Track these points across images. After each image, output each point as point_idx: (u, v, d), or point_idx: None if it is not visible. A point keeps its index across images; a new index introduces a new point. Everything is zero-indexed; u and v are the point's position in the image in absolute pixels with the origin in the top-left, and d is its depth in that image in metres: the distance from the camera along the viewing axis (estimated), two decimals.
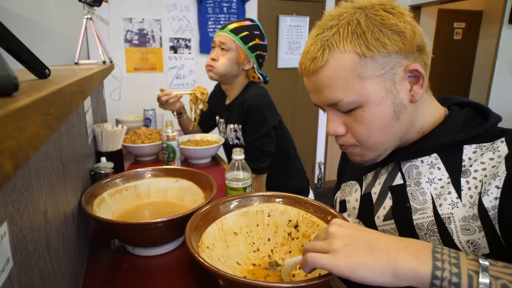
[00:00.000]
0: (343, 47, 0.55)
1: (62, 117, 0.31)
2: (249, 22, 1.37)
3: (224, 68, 1.35)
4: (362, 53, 0.54)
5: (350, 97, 0.56)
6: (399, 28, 0.54)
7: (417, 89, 0.57)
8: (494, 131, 0.57)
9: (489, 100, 3.10)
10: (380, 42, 0.53)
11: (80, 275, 0.68)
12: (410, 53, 0.55)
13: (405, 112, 0.57)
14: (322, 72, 0.57)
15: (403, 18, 0.55)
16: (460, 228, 0.53)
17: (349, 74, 0.55)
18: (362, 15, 0.55)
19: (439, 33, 4.06)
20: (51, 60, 1.06)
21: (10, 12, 0.71)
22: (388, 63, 0.55)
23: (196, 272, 0.71)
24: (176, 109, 1.54)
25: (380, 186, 0.67)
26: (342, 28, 0.55)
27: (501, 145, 0.54)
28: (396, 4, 0.57)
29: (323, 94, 0.58)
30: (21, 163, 0.18)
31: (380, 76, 0.55)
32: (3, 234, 0.32)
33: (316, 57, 0.57)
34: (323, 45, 0.56)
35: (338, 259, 0.43)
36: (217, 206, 0.74)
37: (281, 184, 1.44)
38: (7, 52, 0.33)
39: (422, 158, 0.61)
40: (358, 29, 0.54)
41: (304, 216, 0.73)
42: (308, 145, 3.61)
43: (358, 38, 0.54)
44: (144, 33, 2.68)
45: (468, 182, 0.55)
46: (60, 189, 0.57)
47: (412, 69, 0.56)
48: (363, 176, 0.73)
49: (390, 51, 0.54)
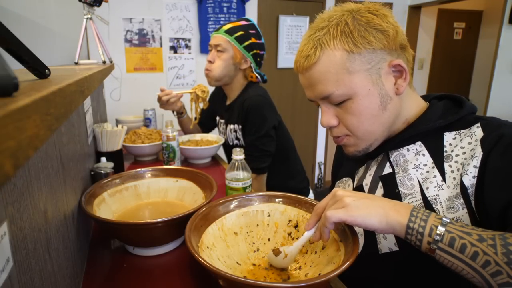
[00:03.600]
0: (333, 45, 0.61)
1: (62, 117, 0.31)
2: (244, 22, 1.37)
3: (220, 69, 1.35)
4: (350, 50, 0.60)
5: (341, 90, 0.62)
6: (383, 27, 0.60)
7: (401, 82, 0.63)
8: (470, 118, 0.63)
9: (489, 100, 3.10)
10: (366, 39, 0.60)
11: (80, 275, 0.68)
12: (394, 50, 0.62)
13: (391, 103, 0.63)
14: (314, 68, 0.63)
15: (386, 19, 0.61)
16: (446, 208, 0.59)
17: (339, 69, 0.61)
18: (350, 17, 0.61)
19: (439, 33, 4.05)
20: (51, 60, 1.06)
21: (10, 12, 0.71)
22: (374, 58, 0.61)
23: (196, 272, 0.71)
24: (177, 109, 1.54)
25: (371, 177, 0.71)
26: (332, 28, 0.61)
27: (477, 130, 0.61)
28: (380, 7, 0.63)
29: (316, 89, 0.64)
30: (21, 163, 0.18)
31: (367, 70, 0.61)
32: (3, 234, 0.32)
33: (309, 55, 0.63)
34: (315, 44, 0.62)
35: (352, 210, 0.52)
36: (217, 206, 0.74)
37: (281, 184, 1.44)
38: (7, 52, 0.33)
39: (408, 146, 0.67)
40: (346, 29, 0.61)
41: (304, 216, 0.73)
42: (308, 145, 3.61)
43: (346, 36, 0.60)
44: (144, 33, 2.68)
45: (451, 166, 0.61)
46: (60, 189, 0.57)
47: (396, 64, 0.62)
48: (355, 171, 0.77)
49: (375, 48, 0.60)
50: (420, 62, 3.93)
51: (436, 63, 4.10)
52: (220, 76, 1.37)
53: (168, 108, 1.50)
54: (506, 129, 0.57)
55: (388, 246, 0.65)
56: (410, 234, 0.50)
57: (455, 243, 0.47)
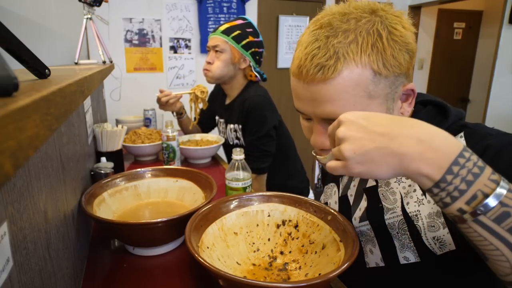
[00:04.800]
0: (360, 59, 0.49)
1: (62, 117, 0.31)
2: (240, 21, 1.37)
3: (220, 70, 1.35)
4: (378, 71, 0.50)
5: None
6: (412, 47, 0.52)
7: (406, 107, 0.57)
8: (454, 127, 0.56)
9: (489, 100, 3.10)
10: (397, 61, 0.50)
11: (80, 275, 0.68)
12: (409, 71, 0.54)
13: None
14: (330, 84, 0.50)
15: (412, 36, 0.53)
16: (427, 225, 0.54)
17: (360, 91, 0.50)
18: (383, 27, 0.50)
19: (439, 33, 4.05)
20: (51, 60, 1.06)
21: (10, 12, 0.71)
22: (395, 82, 0.52)
23: (196, 272, 0.71)
24: (176, 110, 1.54)
25: (355, 188, 0.68)
26: (361, 37, 0.49)
27: (460, 140, 0.54)
28: (408, 20, 0.54)
29: (322, 107, 0.53)
30: (21, 163, 0.18)
31: (385, 95, 0.52)
32: (3, 234, 0.32)
33: (325, 66, 0.50)
34: (336, 52, 0.49)
35: (352, 167, 0.41)
36: (217, 206, 0.74)
37: (281, 184, 1.44)
38: (7, 52, 0.33)
39: None
40: (379, 44, 0.49)
41: (304, 216, 0.73)
42: (308, 145, 3.59)
43: (378, 53, 0.49)
44: (144, 33, 2.68)
45: None
46: (60, 189, 0.57)
47: (408, 89, 0.55)
48: (339, 178, 0.75)
49: (401, 71, 0.52)
50: (420, 62, 3.93)
51: (436, 63, 4.10)
52: (219, 76, 1.37)
53: (168, 109, 1.50)
54: (492, 139, 0.50)
55: (375, 261, 0.63)
56: (436, 194, 0.38)
57: (507, 220, 0.36)
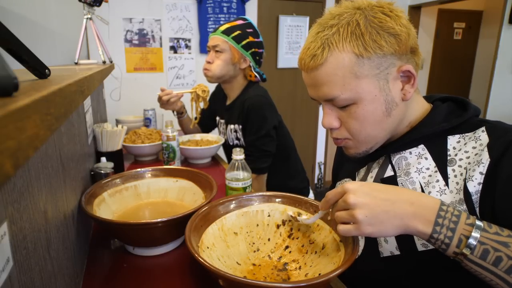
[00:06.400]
0: (342, 46, 0.57)
1: (62, 117, 0.31)
2: (241, 21, 1.37)
3: (219, 70, 1.35)
4: (360, 54, 0.57)
5: (346, 94, 0.59)
6: (396, 31, 0.57)
7: (408, 88, 0.61)
8: (474, 121, 0.61)
9: (489, 100, 3.10)
10: (377, 43, 0.57)
11: (80, 275, 0.68)
12: (404, 54, 0.59)
13: (396, 109, 0.61)
14: (320, 69, 0.59)
15: (399, 21, 0.58)
16: None
17: (347, 73, 0.58)
18: (362, 17, 0.58)
19: (439, 33, 4.05)
20: (51, 60, 1.06)
21: (10, 12, 0.71)
22: (383, 63, 0.58)
23: (196, 272, 0.71)
24: (177, 109, 1.54)
25: (372, 179, 0.70)
26: (342, 28, 0.58)
27: (482, 134, 0.59)
28: (394, 7, 0.60)
29: (320, 90, 0.62)
30: (21, 163, 0.18)
31: (375, 75, 0.58)
32: (3, 234, 0.32)
33: (316, 55, 0.59)
34: (323, 43, 0.59)
35: (364, 229, 0.50)
36: (217, 206, 0.74)
37: (281, 184, 1.44)
38: (7, 52, 0.33)
39: (410, 149, 0.65)
40: (357, 30, 0.57)
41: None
42: (308, 145, 3.61)
43: (356, 39, 0.57)
44: (144, 33, 2.67)
45: (454, 170, 0.59)
46: (60, 189, 0.57)
47: (405, 70, 0.59)
48: (356, 172, 0.75)
49: (386, 53, 0.57)
50: (420, 62, 3.93)
51: (436, 63, 4.10)
52: (219, 76, 1.37)
53: (169, 108, 1.50)
54: None
55: (390, 250, 0.64)
56: (434, 243, 0.48)
57: (489, 256, 0.44)
